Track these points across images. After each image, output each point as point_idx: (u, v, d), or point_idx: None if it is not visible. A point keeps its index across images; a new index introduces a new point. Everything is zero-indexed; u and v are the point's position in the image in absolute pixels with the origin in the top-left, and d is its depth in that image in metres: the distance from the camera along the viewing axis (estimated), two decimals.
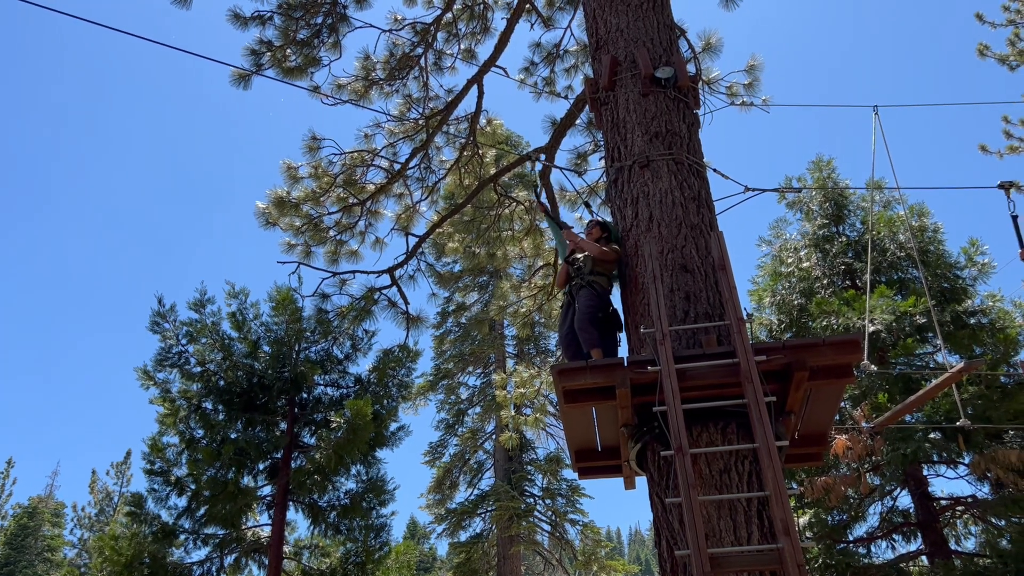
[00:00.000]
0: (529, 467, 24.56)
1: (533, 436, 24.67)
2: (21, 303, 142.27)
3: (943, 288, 13.62)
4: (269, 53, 10.38)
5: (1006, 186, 6.96)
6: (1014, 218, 6.97)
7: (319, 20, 10.64)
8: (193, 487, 11.08)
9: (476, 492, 24.72)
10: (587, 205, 10.53)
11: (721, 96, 10.14)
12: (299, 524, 20.17)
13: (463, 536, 23.82)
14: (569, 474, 24.04)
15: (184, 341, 11.99)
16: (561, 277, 6.38)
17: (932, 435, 11.66)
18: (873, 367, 6.91)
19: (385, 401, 12.42)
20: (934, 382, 6.95)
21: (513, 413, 20.62)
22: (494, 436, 24.84)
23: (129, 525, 11.04)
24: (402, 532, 50.77)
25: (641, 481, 5.51)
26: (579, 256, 6.16)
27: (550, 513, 23.60)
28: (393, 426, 12.52)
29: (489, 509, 23.30)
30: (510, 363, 26.37)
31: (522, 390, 14.07)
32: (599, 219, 6.66)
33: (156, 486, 11.23)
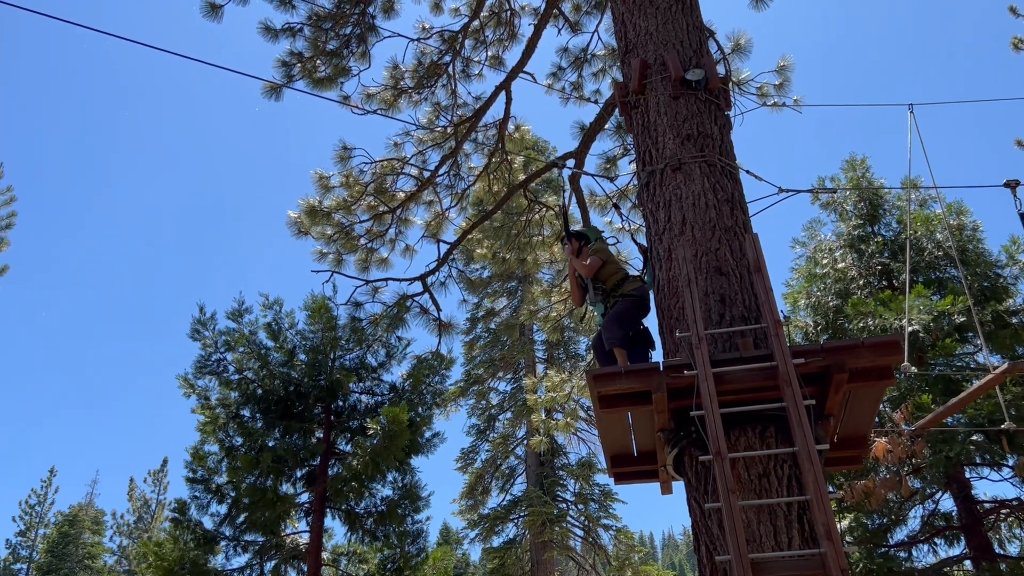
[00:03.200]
0: (561, 472, 24.50)
1: (564, 441, 24.63)
2: (60, 313, 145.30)
3: (983, 287, 13.36)
4: (299, 64, 10.52)
5: (1012, 184, 6.79)
6: (1022, 216, 6.79)
7: (348, 31, 10.76)
8: (233, 494, 11.23)
9: (508, 498, 24.73)
10: (617, 208, 10.49)
11: (752, 97, 10.07)
12: (336, 531, 20.31)
13: (496, 542, 23.83)
14: (601, 479, 23.97)
15: (223, 349, 12.18)
16: (576, 295, 6.71)
17: (975, 437, 11.44)
18: (913, 369, 6.79)
19: (420, 408, 12.49)
20: (977, 384, 6.81)
21: (544, 418, 20.61)
22: (525, 441, 24.82)
23: (172, 531, 11.22)
24: (435, 538, 50.93)
25: (677, 486, 5.48)
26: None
27: (583, 518, 23.52)
28: (428, 433, 12.56)
29: (522, 515, 23.29)
30: (540, 368, 26.35)
31: (553, 395, 14.05)
32: (574, 231, 7.04)
33: (198, 493, 11.39)
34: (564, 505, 23.59)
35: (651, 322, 6.13)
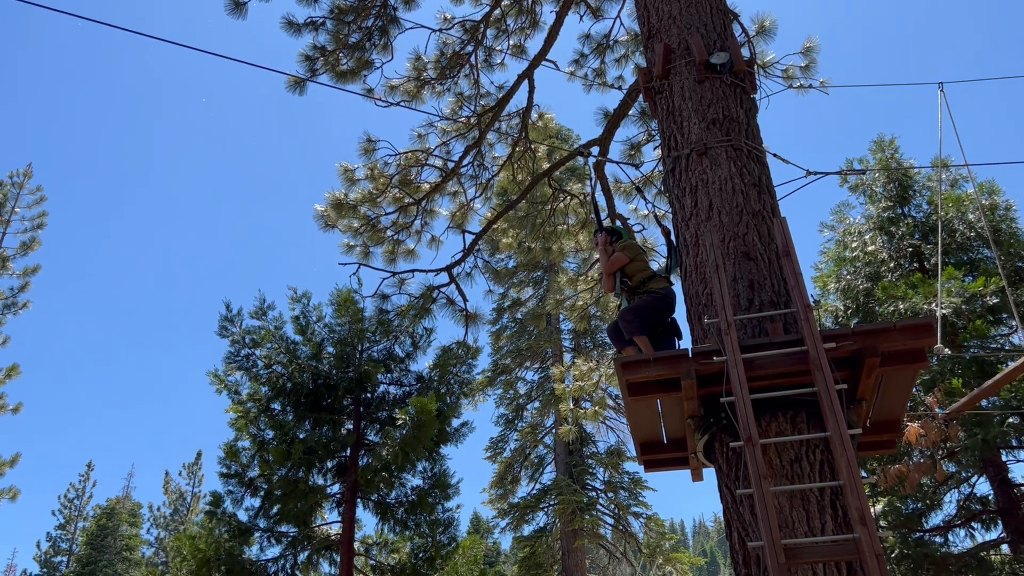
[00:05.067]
0: (590, 460, 24.52)
1: (593, 429, 24.64)
2: (95, 311, 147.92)
3: (1017, 267, 13.13)
4: (322, 58, 10.56)
5: None
6: None
7: (370, 23, 10.76)
8: (265, 487, 11.37)
9: (538, 486, 24.82)
10: (641, 193, 10.44)
11: (777, 79, 9.95)
12: (366, 521, 20.46)
13: (527, 530, 23.95)
14: (631, 467, 23.97)
15: (250, 345, 12.30)
16: (608, 283, 6.70)
17: (1010, 420, 11.26)
18: (947, 351, 6.69)
19: (447, 398, 12.55)
20: (1012, 365, 6.70)
21: (572, 407, 20.61)
22: (554, 430, 24.87)
23: (207, 524, 11.39)
24: (466, 527, 51.24)
25: (708, 473, 5.46)
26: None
27: (613, 506, 23.53)
28: (456, 423, 12.63)
29: (551, 503, 23.36)
30: (567, 357, 26.35)
31: (580, 383, 14.04)
32: (606, 226, 7.06)
33: (231, 487, 11.54)
34: (594, 493, 23.62)
35: (679, 310, 6.12)
